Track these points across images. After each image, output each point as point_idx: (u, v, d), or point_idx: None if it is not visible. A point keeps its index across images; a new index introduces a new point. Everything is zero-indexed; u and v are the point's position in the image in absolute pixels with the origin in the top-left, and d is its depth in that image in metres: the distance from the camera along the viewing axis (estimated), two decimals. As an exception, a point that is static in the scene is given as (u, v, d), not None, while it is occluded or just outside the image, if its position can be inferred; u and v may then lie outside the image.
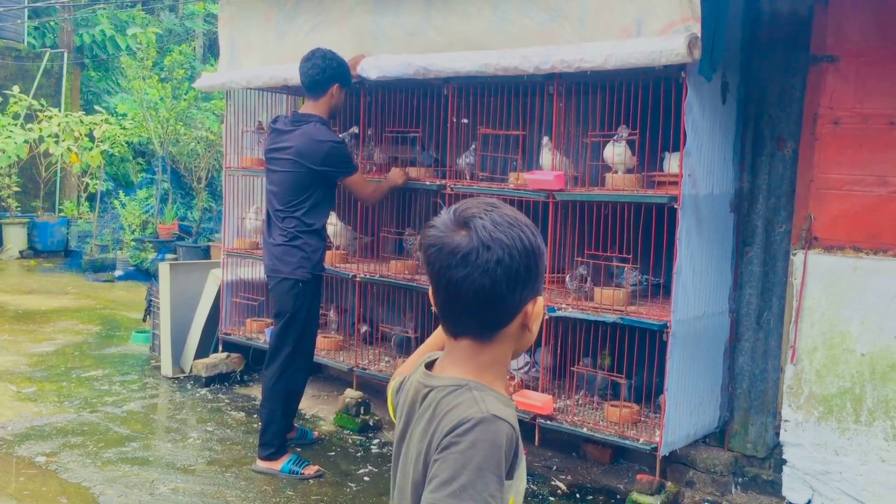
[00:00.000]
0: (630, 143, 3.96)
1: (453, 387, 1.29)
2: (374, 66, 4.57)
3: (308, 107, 4.41)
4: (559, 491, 4.19)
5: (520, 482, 1.31)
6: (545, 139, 4.21)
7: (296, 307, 4.28)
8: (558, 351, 4.39)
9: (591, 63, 3.71)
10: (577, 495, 4.15)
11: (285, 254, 4.29)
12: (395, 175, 4.73)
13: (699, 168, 3.78)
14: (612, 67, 3.66)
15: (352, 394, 5.02)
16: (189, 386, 5.68)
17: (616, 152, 3.97)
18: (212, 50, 14.14)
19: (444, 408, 1.27)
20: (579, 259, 4.15)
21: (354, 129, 5.08)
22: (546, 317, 3.99)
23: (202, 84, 5.84)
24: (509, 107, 4.50)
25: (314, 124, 4.29)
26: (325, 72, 4.31)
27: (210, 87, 5.87)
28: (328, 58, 4.33)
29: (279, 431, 4.31)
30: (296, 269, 4.26)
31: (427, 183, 4.70)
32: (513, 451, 1.24)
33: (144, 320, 6.60)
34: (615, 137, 3.96)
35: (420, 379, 1.37)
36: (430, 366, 1.39)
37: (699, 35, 3.48)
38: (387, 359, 5.10)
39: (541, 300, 1.34)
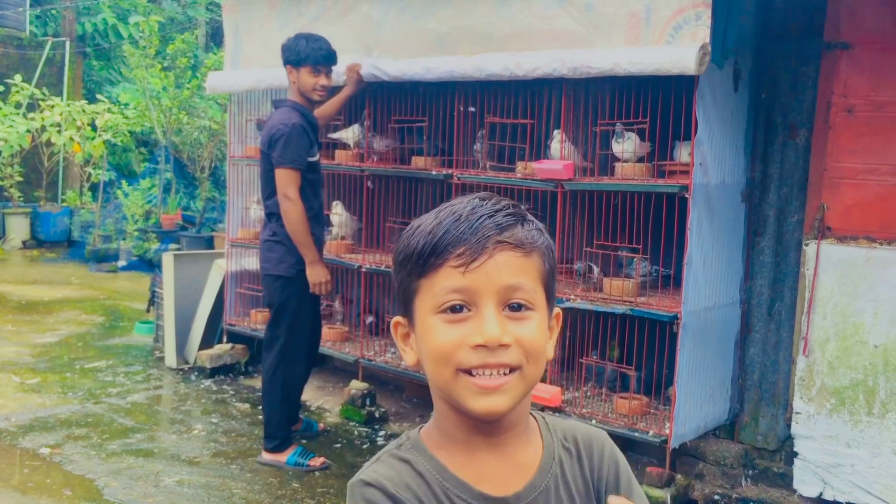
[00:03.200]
0: (640, 132, 3.90)
1: None
2: (374, 73, 4.59)
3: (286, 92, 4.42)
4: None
5: None
6: (555, 131, 4.17)
7: (282, 299, 4.21)
8: (567, 342, 4.35)
9: (598, 70, 3.73)
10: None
11: (268, 249, 4.23)
12: (318, 272, 4.16)
13: (710, 157, 3.72)
14: (620, 74, 3.67)
15: (357, 385, 4.98)
16: (193, 377, 5.64)
17: (625, 143, 3.93)
18: (214, 38, 14.07)
19: None
20: (588, 249, 4.10)
21: (365, 121, 5.02)
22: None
23: (211, 86, 5.74)
24: (517, 95, 4.44)
25: (280, 109, 4.19)
26: (280, 55, 4.27)
27: (216, 89, 5.77)
28: (285, 42, 4.25)
29: (282, 423, 4.27)
30: (277, 265, 4.20)
31: (433, 172, 4.65)
32: None
33: (148, 311, 6.57)
34: (614, 136, 3.93)
35: None
36: None
37: (709, 42, 3.45)
38: (392, 350, 5.06)
39: None
